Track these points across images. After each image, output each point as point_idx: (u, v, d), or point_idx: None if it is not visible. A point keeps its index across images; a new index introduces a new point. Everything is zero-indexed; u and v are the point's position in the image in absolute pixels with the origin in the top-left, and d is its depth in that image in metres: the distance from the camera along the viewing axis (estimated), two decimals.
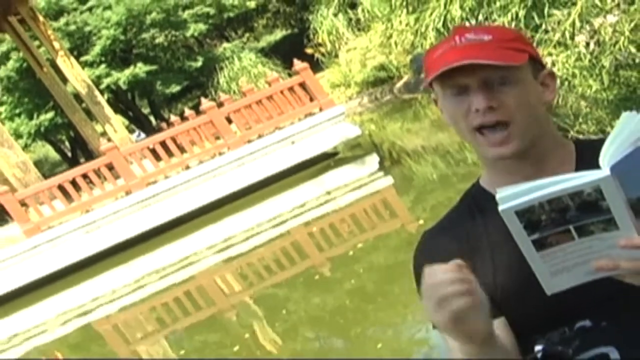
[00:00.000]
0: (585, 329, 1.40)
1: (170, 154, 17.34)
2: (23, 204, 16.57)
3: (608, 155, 1.25)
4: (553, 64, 6.40)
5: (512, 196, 1.27)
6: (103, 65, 30.75)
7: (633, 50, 5.93)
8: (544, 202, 1.26)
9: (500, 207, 1.27)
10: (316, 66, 25.52)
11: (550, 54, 6.25)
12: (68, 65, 20.98)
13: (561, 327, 1.41)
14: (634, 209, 1.25)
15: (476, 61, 1.43)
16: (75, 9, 31.33)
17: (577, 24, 5.81)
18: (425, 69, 1.53)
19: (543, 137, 1.50)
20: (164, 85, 33.29)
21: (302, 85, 17.97)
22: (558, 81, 6.89)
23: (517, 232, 1.29)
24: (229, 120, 17.73)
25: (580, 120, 7.66)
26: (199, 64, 32.50)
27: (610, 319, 1.41)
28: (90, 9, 31.32)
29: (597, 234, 1.27)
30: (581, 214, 1.26)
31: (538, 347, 1.31)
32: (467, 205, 1.59)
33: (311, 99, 17.90)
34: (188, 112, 20.24)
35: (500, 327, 1.45)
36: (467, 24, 7.19)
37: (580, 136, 7.51)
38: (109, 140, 19.62)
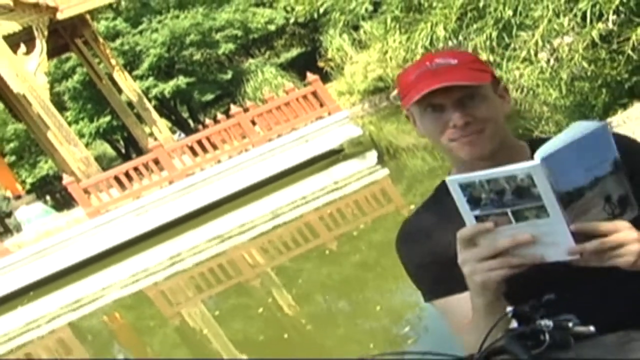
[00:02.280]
0: (550, 301, 1.37)
1: (205, 150, 17.37)
2: (86, 191, 16.62)
3: (543, 150, 1.21)
4: (520, 76, 6.38)
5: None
6: (151, 78, 30.77)
7: (585, 65, 5.91)
8: (484, 181, 1.22)
9: (447, 178, 1.25)
10: (325, 78, 25.48)
11: (517, 68, 6.23)
12: (122, 78, 21.01)
13: (530, 300, 1.37)
14: (563, 202, 1.21)
15: (452, 83, 1.41)
16: (128, 32, 31.34)
17: (540, 43, 5.78)
18: (399, 90, 1.50)
19: (504, 142, 1.48)
20: (201, 94, 33.31)
21: (314, 93, 17.97)
22: (525, 90, 6.90)
23: (462, 205, 1.26)
24: (254, 123, 17.72)
25: (543, 122, 7.63)
26: (229, 76, 32.48)
27: (572, 292, 1.39)
28: (140, 32, 31.33)
29: (531, 219, 1.22)
30: (516, 198, 1.21)
31: (508, 309, 1.30)
32: (440, 197, 1.55)
33: (321, 105, 17.88)
34: (220, 116, 20.25)
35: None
36: (449, 43, 7.15)
37: (543, 136, 7.49)
38: (155, 139, 19.66)
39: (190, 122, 36.01)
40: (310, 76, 18.31)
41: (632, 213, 1.28)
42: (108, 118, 31.10)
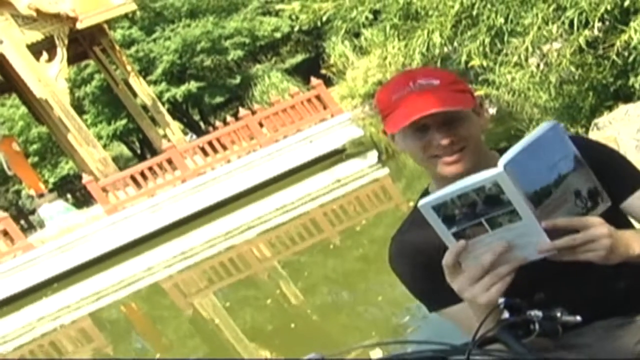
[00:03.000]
0: (540, 299, 1.35)
1: (215, 151, 17.39)
2: (104, 190, 16.67)
3: (504, 156, 1.19)
4: (512, 80, 6.37)
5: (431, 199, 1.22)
6: (164, 83, 30.76)
7: (573, 69, 5.90)
8: (455, 198, 1.19)
9: (419, 203, 1.22)
10: (328, 82, 25.38)
11: (509, 72, 6.21)
12: (137, 83, 21.02)
13: (523, 299, 1.34)
14: (532, 201, 1.19)
15: (439, 110, 1.38)
16: (143, 40, 31.33)
17: (530, 49, 5.77)
18: (380, 108, 1.45)
19: (483, 157, 1.46)
20: (211, 98, 33.26)
21: (318, 97, 17.98)
22: (516, 93, 6.89)
23: (438, 226, 1.23)
24: (261, 125, 17.74)
25: (534, 123, 7.61)
26: (238, 81, 32.47)
27: (561, 289, 1.38)
28: (154, 40, 31.32)
29: (505, 225, 1.20)
30: (488, 207, 1.19)
31: (500, 300, 1.30)
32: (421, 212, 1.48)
33: (324, 108, 17.90)
34: (229, 118, 20.23)
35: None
36: (445, 49, 7.13)
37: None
38: (169, 140, 19.66)
39: (201, 124, 35.99)
40: (314, 80, 18.33)
41: (604, 205, 1.27)
42: (124, 121, 31.09)
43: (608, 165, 1.43)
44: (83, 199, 21.34)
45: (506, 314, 1.29)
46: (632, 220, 1.51)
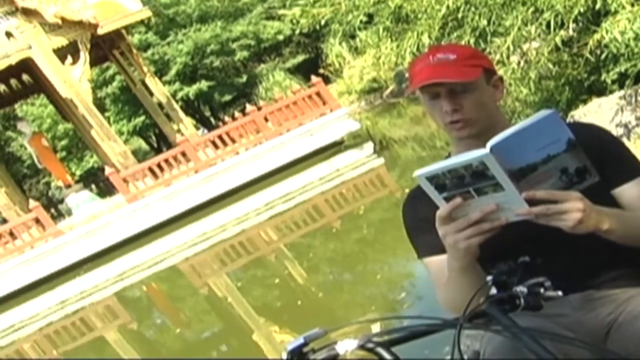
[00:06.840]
0: (525, 263, 1.36)
1: (225, 144, 17.35)
2: (125, 180, 16.65)
3: (494, 139, 1.22)
4: None
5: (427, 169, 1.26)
6: (177, 83, 30.70)
7: (550, 66, 5.89)
8: (446, 172, 1.23)
9: (414, 173, 1.26)
10: (327, 80, 25.34)
11: None
12: (153, 83, 20.96)
13: (508, 261, 1.36)
14: (517, 176, 1.22)
15: (443, 80, 1.45)
16: (158, 44, 31.24)
17: (511, 48, 5.76)
18: (409, 77, 1.54)
19: (495, 124, 1.48)
20: (220, 95, 33.18)
21: (318, 93, 17.91)
22: None
23: (431, 192, 1.27)
24: (266, 119, 17.69)
25: (516, 116, 7.61)
26: (244, 80, 32.39)
27: (543, 256, 1.37)
28: (168, 44, 31.22)
29: (490, 193, 1.24)
30: (474, 180, 1.23)
31: (488, 278, 1.31)
32: None
33: (324, 103, 17.84)
34: (237, 114, 20.18)
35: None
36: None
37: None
38: (182, 135, 19.62)
39: (212, 119, 35.93)
40: (314, 79, 18.27)
41: (591, 180, 1.29)
42: (142, 118, 31.05)
43: (609, 151, 1.47)
44: (106, 189, 21.28)
45: (494, 290, 1.30)
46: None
